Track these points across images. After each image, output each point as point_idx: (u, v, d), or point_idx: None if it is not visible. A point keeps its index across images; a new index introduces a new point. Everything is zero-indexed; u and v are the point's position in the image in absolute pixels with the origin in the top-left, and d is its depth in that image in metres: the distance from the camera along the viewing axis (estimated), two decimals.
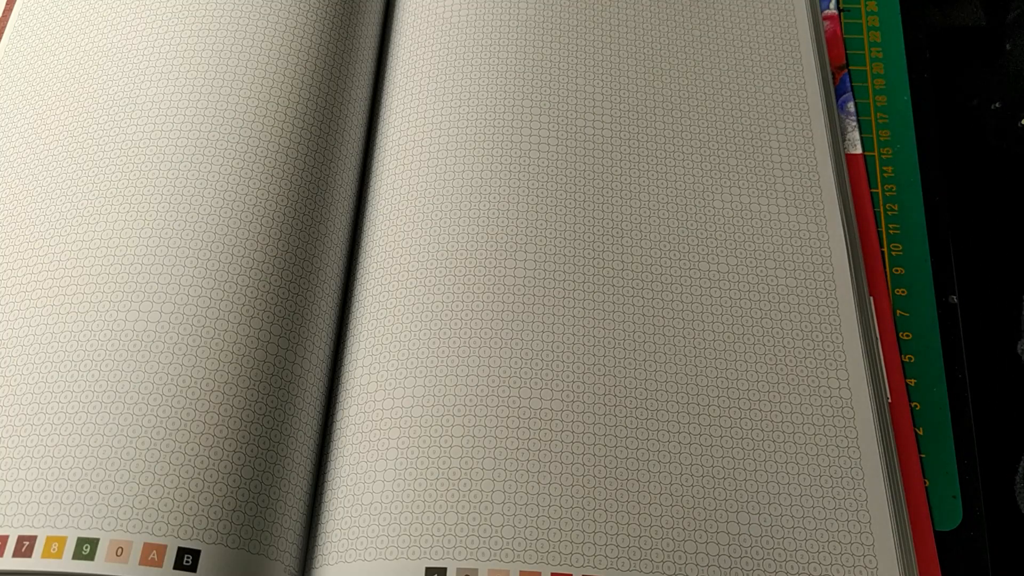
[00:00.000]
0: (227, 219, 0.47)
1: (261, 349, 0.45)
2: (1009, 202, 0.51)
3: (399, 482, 0.42)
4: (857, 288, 0.49)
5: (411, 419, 0.44)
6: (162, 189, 0.48)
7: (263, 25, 0.53)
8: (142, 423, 0.42)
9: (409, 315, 0.47)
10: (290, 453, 0.44)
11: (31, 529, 0.40)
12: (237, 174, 0.48)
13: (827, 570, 0.42)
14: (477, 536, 0.41)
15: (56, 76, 0.54)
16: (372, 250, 0.50)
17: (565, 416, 0.44)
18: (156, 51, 0.53)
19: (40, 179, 0.50)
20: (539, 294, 0.47)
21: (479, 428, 0.44)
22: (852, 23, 0.59)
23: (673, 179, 0.51)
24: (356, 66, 0.55)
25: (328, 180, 0.51)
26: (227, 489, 0.41)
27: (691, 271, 0.49)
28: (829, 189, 0.52)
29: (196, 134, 0.50)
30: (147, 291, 0.45)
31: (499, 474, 0.43)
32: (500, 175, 0.50)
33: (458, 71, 0.54)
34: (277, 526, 0.42)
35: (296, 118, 0.51)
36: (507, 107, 0.52)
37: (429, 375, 0.45)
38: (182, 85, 0.51)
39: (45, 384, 0.43)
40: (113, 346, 0.44)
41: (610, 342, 0.46)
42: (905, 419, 0.47)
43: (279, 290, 0.46)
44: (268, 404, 0.44)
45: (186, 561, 0.39)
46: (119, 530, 0.39)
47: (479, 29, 0.55)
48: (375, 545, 0.41)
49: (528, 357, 0.45)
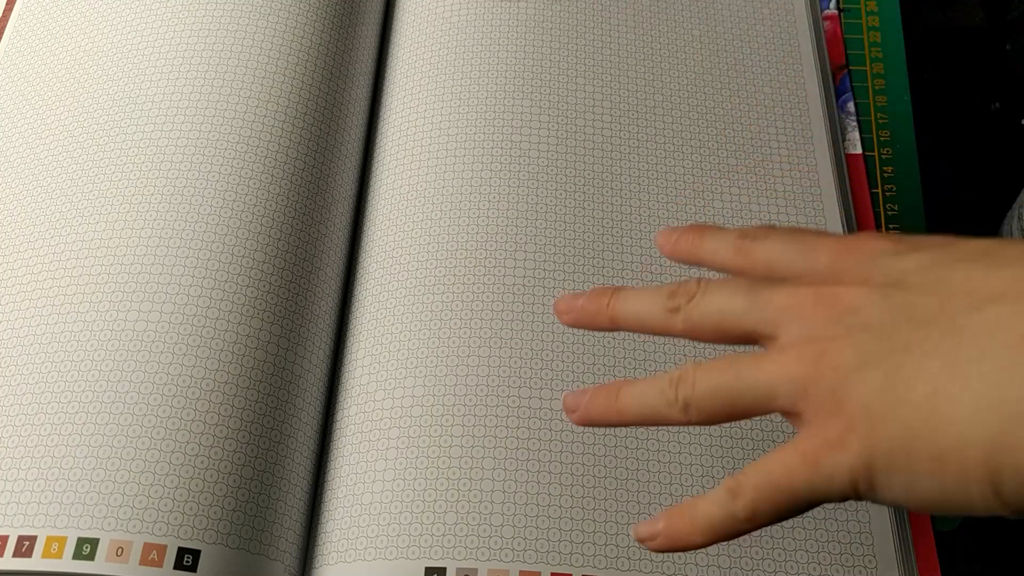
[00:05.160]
0: (227, 219, 0.47)
1: (261, 349, 0.45)
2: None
3: (398, 482, 0.42)
4: None
5: (411, 419, 0.44)
6: (162, 189, 0.48)
7: (263, 25, 0.53)
8: (142, 423, 0.42)
9: (409, 315, 0.47)
10: (290, 453, 0.44)
11: (31, 529, 0.40)
12: (237, 174, 0.48)
13: (827, 570, 0.42)
14: (477, 536, 0.41)
15: (56, 76, 0.54)
16: (372, 250, 0.50)
17: (563, 416, 0.44)
18: (156, 51, 0.53)
19: (40, 179, 0.50)
20: (539, 294, 0.47)
21: (479, 428, 0.44)
22: (852, 23, 0.59)
23: (673, 179, 0.51)
24: (356, 66, 0.55)
25: (328, 180, 0.51)
26: (227, 489, 0.41)
27: (691, 271, 0.49)
28: (829, 189, 0.52)
29: (196, 134, 0.50)
30: (147, 291, 0.45)
31: (498, 474, 0.43)
32: (500, 175, 0.50)
33: (458, 71, 0.54)
34: (277, 526, 0.42)
35: (296, 118, 0.51)
36: (507, 107, 0.52)
37: (429, 375, 0.45)
38: (182, 85, 0.51)
39: (45, 384, 0.43)
40: (113, 346, 0.44)
41: (609, 342, 0.46)
42: None
43: (279, 290, 0.46)
44: (268, 404, 0.44)
45: (186, 561, 0.39)
46: (119, 530, 0.40)
47: (479, 29, 0.55)
48: (375, 545, 0.41)
49: (528, 357, 0.45)
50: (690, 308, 0.33)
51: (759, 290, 0.31)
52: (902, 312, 0.28)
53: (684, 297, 0.33)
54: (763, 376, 0.30)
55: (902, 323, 0.28)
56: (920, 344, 0.27)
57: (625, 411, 0.33)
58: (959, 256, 0.28)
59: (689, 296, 0.33)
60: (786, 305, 0.30)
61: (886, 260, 0.30)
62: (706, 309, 0.32)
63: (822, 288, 0.30)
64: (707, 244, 0.35)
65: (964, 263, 0.28)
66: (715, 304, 0.32)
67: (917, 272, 0.29)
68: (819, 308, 0.29)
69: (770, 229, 0.34)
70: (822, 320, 0.29)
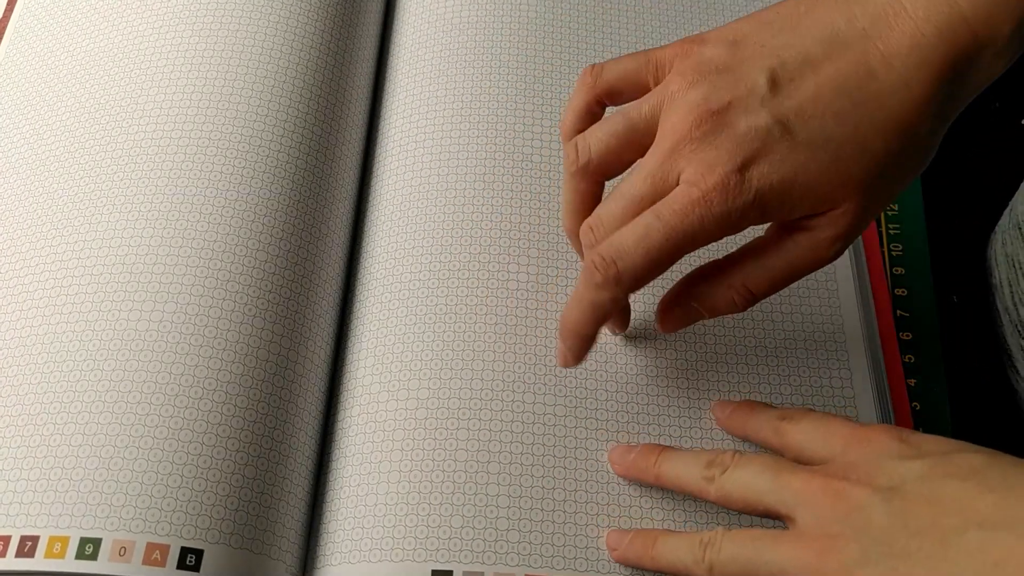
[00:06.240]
0: (229, 218, 0.47)
1: (264, 348, 0.45)
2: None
3: (403, 484, 0.42)
4: (860, 289, 0.49)
5: (415, 421, 0.44)
6: (164, 189, 0.48)
7: (264, 25, 0.53)
8: (145, 422, 0.42)
9: (412, 317, 0.47)
10: (292, 453, 0.44)
11: (34, 529, 0.40)
12: (239, 173, 0.48)
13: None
14: (483, 540, 0.41)
15: (58, 76, 0.53)
16: (374, 251, 0.50)
17: (568, 422, 0.44)
18: (158, 51, 0.53)
19: (41, 179, 0.50)
20: (542, 299, 0.47)
21: (484, 432, 0.44)
22: None
23: None
24: (357, 66, 0.55)
25: (329, 179, 0.51)
26: (230, 488, 0.41)
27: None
28: None
29: (198, 133, 0.49)
30: (149, 290, 0.45)
31: (504, 479, 0.43)
32: (503, 179, 0.50)
33: (459, 72, 0.53)
34: (280, 526, 0.42)
35: (298, 118, 0.51)
36: (510, 105, 0.52)
37: (433, 378, 0.45)
38: (183, 85, 0.51)
39: (48, 383, 0.43)
40: (116, 345, 0.44)
41: (613, 347, 0.46)
42: (905, 419, 0.47)
43: (281, 289, 0.46)
44: (270, 403, 0.44)
45: (189, 561, 0.39)
46: (122, 530, 0.40)
47: (480, 30, 0.55)
48: (380, 547, 0.41)
49: (532, 363, 0.45)
50: (723, 480, 0.38)
51: (782, 472, 0.37)
52: (899, 519, 0.34)
53: (719, 468, 0.38)
54: (779, 557, 0.35)
55: (899, 529, 0.33)
56: (914, 552, 0.33)
57: (658, 559, 0.39)
58: (951, 471, 0.34)
59: (723, 468, 0.38)
60: (801, 491, 0.36)
61: (891, 463, 0.35)
62: (735, 484, 0.38)
63: (832, 481, 0.35)
64: (751, 424, 0.43)
65: (956, 480, 0.34)
66: (743, 480, 0.38)
67: (916, 481, 0.34)
68: (828, 499, 0.35)
69: (806, 413, 0.41)
70: (831, 512, 0.35)
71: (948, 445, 0.36)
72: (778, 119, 0.36)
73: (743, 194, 0.36)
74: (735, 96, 0.37)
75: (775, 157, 0.36)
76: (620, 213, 0.38)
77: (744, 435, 0.44)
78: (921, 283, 0.51)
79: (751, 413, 0.43)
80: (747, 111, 0.36)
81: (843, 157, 0.36)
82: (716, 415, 0.45)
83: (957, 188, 0.55)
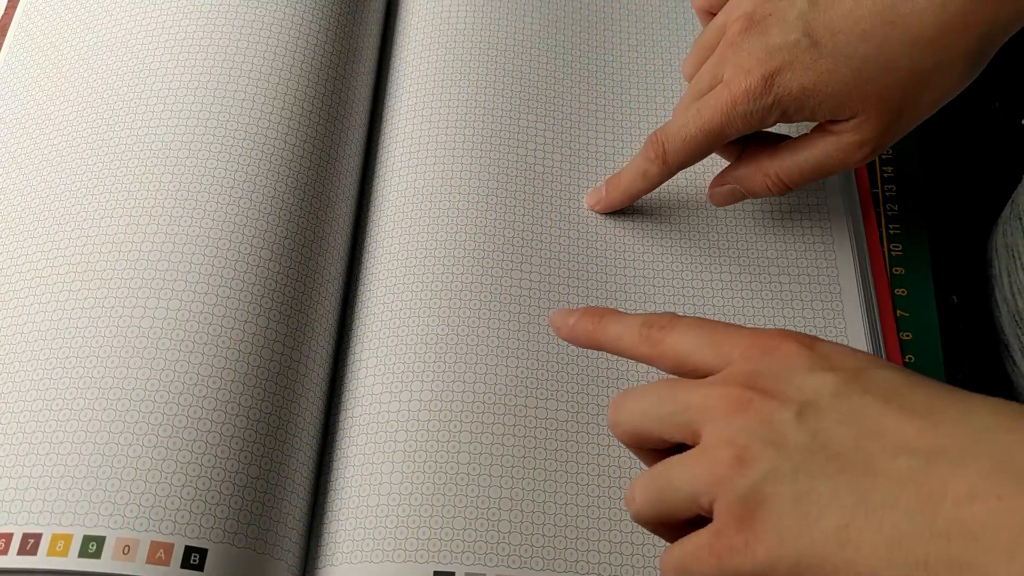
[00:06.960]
0: (232, 217, 0.47)
1: (267, 347, 0.45)
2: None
3: (405, 485, 0.43)
4: (863, 289, 0.49)
5: (418, 423, 0.44)
6: (168, 186, 0.48)
7: (268, 23, 0.53)
8: (148, 420, 0.42)
9: (415, 319, 0.47)
10: (294, 452, 0.44)
11: (36, 527, 0.40)
12: (243, 172, 0.48)
13: None
14: (485, 542, 0.41)
15: (61, 73, 0.53)
16: (376, 252, 0.50)
17: (570, 426, 0.44)
18: (161, 48, 0.52)
19: (45, 176, 0.49)
20: (544, 306, 0.47)
21: (486, 435, 0.44)
22: None
23: (674, 188, 0.51)
24: (359, 66, 0.55)
25: (332, 181, 0.51)
26: (233, 488, 0.41)
27: (695, 280, 0.49)
28: (833, 189, 0.52)
29: (201, 131, 0.49)
30: (153, 288, 0.45)
31: (506, 481, 0.43)
32: (505, 183, 0.50)
33: (460, 73, 0.53)
34: (282, 525, 0.42)
35: (301, 117, 0.51)
36: (511, 110, 0.52)
37: (436, 380, 0.45)
38: (188, 82, 0.51)
39: (51, 381, 0.43)
40: (119, 344, 0.44)
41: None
42: None
43: (284, 288, 0.46)
44: (273, 402, 0.44)
45: (194, 560, 0.40)
46: (126, 528, 0.40)
47: (481, 31, 0.55)
48: (382, 547, 0.41)
49: (534, 367, 0.46)
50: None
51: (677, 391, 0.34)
52: (816, 438, 0.30)
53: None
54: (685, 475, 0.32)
55: (818, 449, 0.30)
56: (834, 475, 0.30)
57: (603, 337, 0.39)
58: (870, 389, 0.31)
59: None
60: (702, 406, 0.33)
61: (799, 375, 0.32)
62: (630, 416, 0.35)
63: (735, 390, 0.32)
64: (609, 330, 0.38)
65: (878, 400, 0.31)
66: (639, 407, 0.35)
67: (831, 397, 0.31)
68: (734, 411, 0.32)
69: (674, 317, 0.37)
70: (738, 425, 0.31)
71: (858, 358, 0.33)
72: (807, 32, 0.41)
73: (764, 98, 0.42)
74: (777, 7, 0.43)
75: (799, 67, 0.41)
76: (687, 101, 0.45)
77: (599, 345, 0.39)
78: (921, 283, 0.51)
79: (602, 318, 0.39)
80: (783, 22, 0.42)
81: (864, 71, 0.41)
82: (556, 326, 0.41)
83: (957, 188, 0.55)
